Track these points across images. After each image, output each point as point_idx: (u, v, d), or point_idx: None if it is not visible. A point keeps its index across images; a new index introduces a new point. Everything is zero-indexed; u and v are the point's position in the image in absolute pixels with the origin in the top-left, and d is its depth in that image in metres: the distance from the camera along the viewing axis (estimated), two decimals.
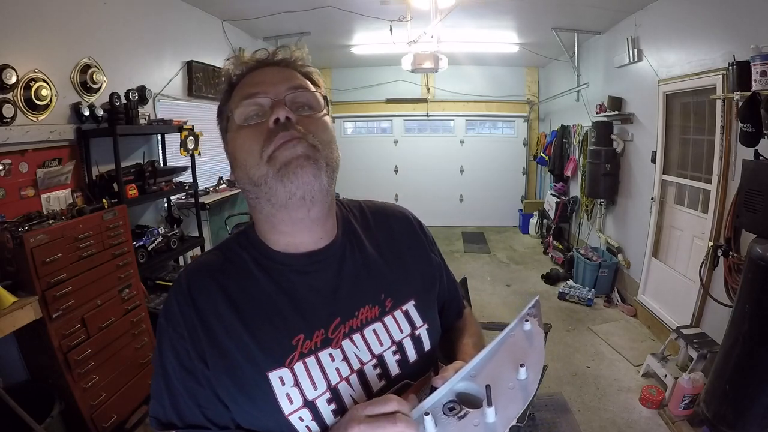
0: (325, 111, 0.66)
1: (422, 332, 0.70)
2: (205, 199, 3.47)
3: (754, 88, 2.12)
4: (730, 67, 2.37)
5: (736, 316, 2.04)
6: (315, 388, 0.60)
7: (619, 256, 4.09)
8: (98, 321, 2.12)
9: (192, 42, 3.45)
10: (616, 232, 4.27)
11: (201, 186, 3.42)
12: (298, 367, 0.60)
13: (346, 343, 0.63)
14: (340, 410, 0.60)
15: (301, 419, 0.59)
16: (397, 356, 0.67)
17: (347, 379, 0.62)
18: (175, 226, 3.07)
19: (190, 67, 3.38)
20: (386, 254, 0.73)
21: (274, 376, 0.59)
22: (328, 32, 4.48)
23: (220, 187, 3.85)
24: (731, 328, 2.06)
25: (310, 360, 0.61)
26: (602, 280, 4.10)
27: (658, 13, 3.33)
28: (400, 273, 0.73)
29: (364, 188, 6.38)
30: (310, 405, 0.59)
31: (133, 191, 2.53)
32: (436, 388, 0.56)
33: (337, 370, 0.62)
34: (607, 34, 4.29)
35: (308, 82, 0.67)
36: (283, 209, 0.61)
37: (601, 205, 4.47)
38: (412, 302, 0.71)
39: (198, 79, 3.48)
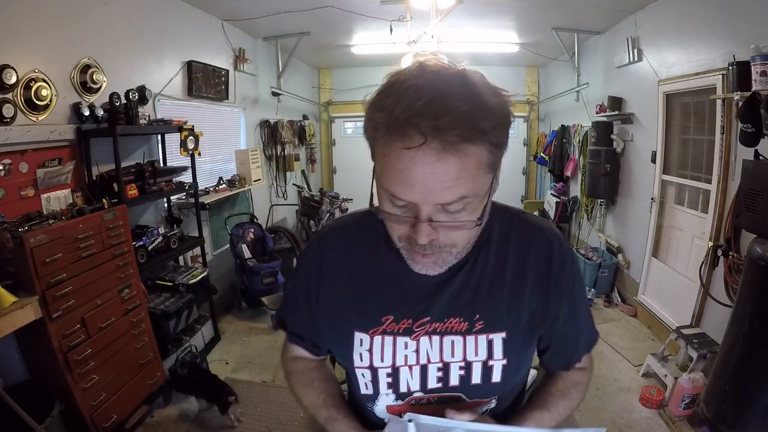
0: (475, 198, 0.56)
1: (496, 365, 0.70)
2: (205, 199, 3.47)
3: (754, 88, 2.12)
4: (730, 67, 2.37)
5: (736, 316, 2.04)
6: (382, 360, 0.71)
7: (619, 256, 4.09)
8: (98, 321, 2.12)
9: (192, 42, 3.45)
10: (616, 232, 4.27)
11: (201, 186, 3.41)
12: (377, 339, 0.71)
13: (424, 339, 0.70)
14: (395, 386, 0.72)
15: (363, 375, 0.73)
16: (462, 372, 0.70)
17: (410, 367, 0.71)
18: (175, 226, 3.07)
19: (190, 67, 3.38)
20: (506, 278, 0.71)
21: (357, 336, 0.72)
22: (328, 32, 4.48)
23: (220, 187, 3.85)
24: (731, 328, 2.06)
25: (388, 339, 0.70)
26: (602, 280, 4.10)
27: (658, 13, 3.33)
28: (508, 302, 0.70)
29: (364, 188, 6.35)
30: (372, 369, 0.72)
31: (133, 191, 2.53)
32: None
33: (405, 357, 0.70)
34: (607, 34, 4.29)
35: (477, 168, 0.54)
36: None
37: (601, 205, 4.47)
38: (503, 335, 0.70)
39: (198, 79, 3.48)
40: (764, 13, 2.24)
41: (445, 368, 0.70)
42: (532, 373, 0.90)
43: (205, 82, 3.58)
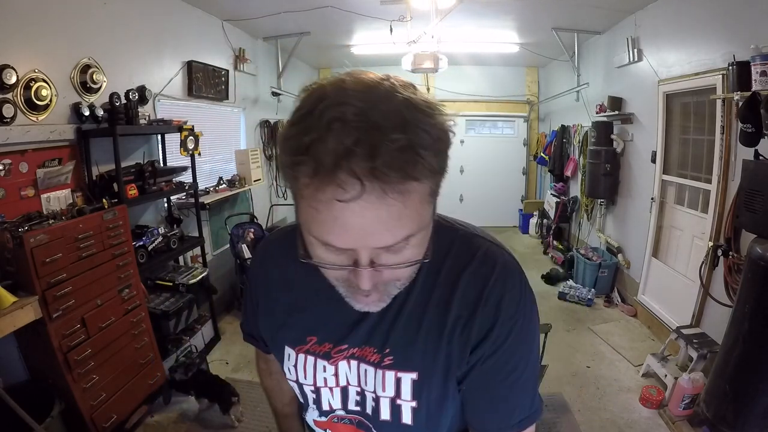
0: (420, 233, 0.50)
1: (405, 405, 0.64)
2: (205, 199, 3.47)
3: (754, 88, 2.12)
4: (730, 67, 2.37)
5: (736, 316, 2.04)
6: (305, 377, 0.70)
7: (619, 256, 4.09)
8: (98, 321, 2.12)
9: (192, 42, 3.45)
10: (616, 232, 4.27)
11: (201, 186, 3.41)
12: (301, 357, 0.69)
13: (342, 364, 0.67)
14: (318, 403, 0.71)
15: (293, 387, 0.73)
16: (373, 404, 0.67)
17: (331, 389, 0.69)
18: (175, 226, 3.07)
19: (190, 67, 3.38)
20: (427, 313, 0.61)
21: (286, 350, 0.71)
22: (328, 32, 4.48)
23: (220, 187, 3.85)
24: (731, 328, 2.06)
25: (310, 359, 0.69)
26: (602, 280, 4.10)
27: (658, 13, 3.33)
28: (425, 341, 0.61)
29: None
30: (299, 384, 0.71)
31: (133, 191, 2.53)
32: None
33: (324, 379, 0.68)
34: (607, 34, 4.29)
35: (419, 202, 0.47)
36: None
37: (601, 205, 4.47)
38: (413, 375, 0.62)
39: (198, 79, 3.48)
40: (764, 13, 2.24)
41: (362, 394, 0.67)
42: None
43: (205, 82, 3.58)
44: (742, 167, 2.31)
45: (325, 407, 0.71)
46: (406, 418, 0.64)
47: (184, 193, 3.15)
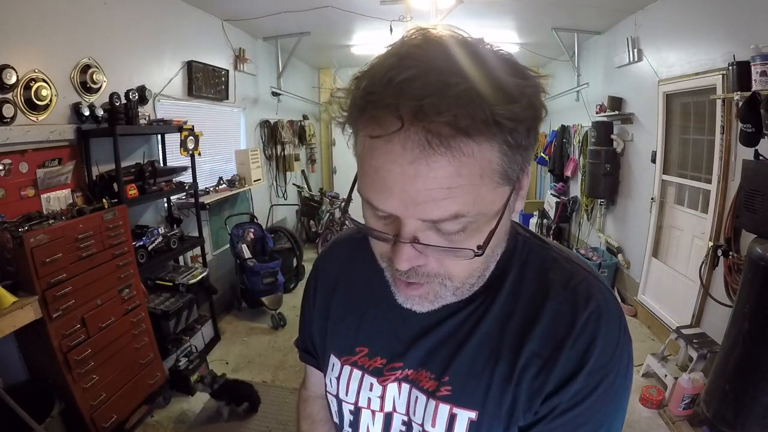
0: (478, 218, 0.42)
1: None
2: (205, 199, 3.47)
3: (754, 88, 2.12)
4: (730, 67, 2.37)
5: (736, 316, 2.04)
6: (347, 394, 0.61)
7: (619, 256, 4.09)
8: (98, 321, 2.12)
9: (192, 42, 3.45)
10: (616, 232, 4.27)
11: (201, 186, 3.41)
12: (346, 369, 0.61)
13: (392, 386, 0.57)
14: (354, 426, 0.61)
15: (330, 403, 0.65)
16: None
17: (373, 413, 0.59)
18: (175, 226, 3.07)
19: (190, 67, 3.38)
20: (503, 342, 0.51)
21: (331, 359, 0.63)
22: (328, 32, 4.47)
23: (220, 187, 3.85)
24: (731, 328, 2.06)
25: (356, 372, 0.60)
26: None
27: (658, 13, 3.33)
28: (490, 375, 0.51)
29: None
30: (338, 400, 0.63)
31: (133, 191, 2.53)
32: None
33: (369, 399, 0.59)
34: (607, 34, 4.29)
35: (483, 171, 0.39)
36: None
37: (601, 205, 4.47)
38: (471, 415, 0.52)
39: (198, 79, 3.47)
40: (764, 13, 2.24)
41: (409, 425, 0.57)
42: None
43: (205, 82, 3.58)
44: (742, 167, 2.31)
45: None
46: None
47: (184, 193, 3.15)
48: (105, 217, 2.20)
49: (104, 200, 2.31)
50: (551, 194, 5.70)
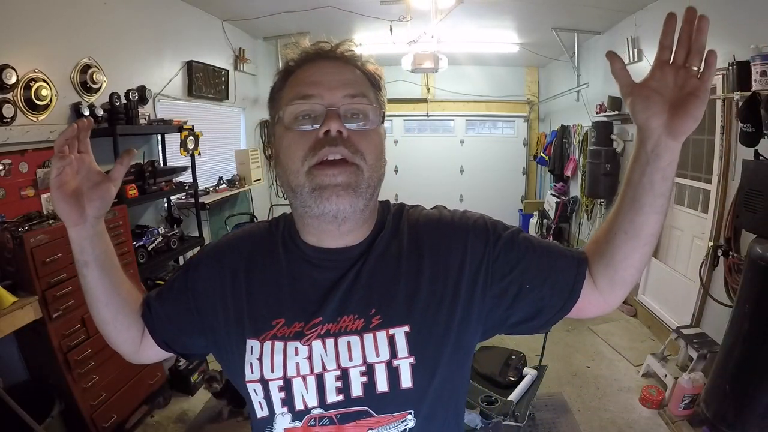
0: (380, 125, 0.64)
1: (402, 365, 0.60)
2: (205, 199, 3.47)
3: (754, 88, 2.12)
4: (730, 67, 2.37)
5: (736, 316, 2.04)
6: (272, 371, 0.62)
7: None
8: None
9: (192, 42, 3.45)
10: None
11: (201, 186, 3.42)
12: (267, 345, 0.63)
13: (316, 344, 0.62)
14: (289, 402, 0.62)
15: (255, 392, 0.63)
16: (364, 378, 0.61)
17: (304, 378, 0.61)
18: (175, 226, 3.07)
19: (190, 67, 3.38)
20: (402, 265, 0.65)
21: (248, 343, 0.64)
22: (328, 32, 4.25)
23: (220, 187, 3.85)
24: (731, 328, 2.06)
25: (278, 345, 0.63)
26: None
27: (658, 13, 3.33)
28: (406, 292, 0.63)
29: None
30: (263, 383, 0.62)
31: (133, 191, 2.52)
32: None
33: (297, 365, 0.61)
34: (607, 34, 4.29)
35: (369, 86, 0.64)
36: (314, 219, 0.62)
37: (601, 205, 4.47)
38: (404, 329, 0.61)
39: (198, 79, 3.48)
40: (764, 13, 2.24)
41: (344, 375, 0.61)
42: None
43: (205, 82, 3.58)
44: (742, 167, 2.31)
45: (299, 405, 0.61)
46: (406, 380, 0.60)
47: (184, 193, 3.15)
48: (105, 217, 2.19)
49: None
50: (551, 194, 5.70)
